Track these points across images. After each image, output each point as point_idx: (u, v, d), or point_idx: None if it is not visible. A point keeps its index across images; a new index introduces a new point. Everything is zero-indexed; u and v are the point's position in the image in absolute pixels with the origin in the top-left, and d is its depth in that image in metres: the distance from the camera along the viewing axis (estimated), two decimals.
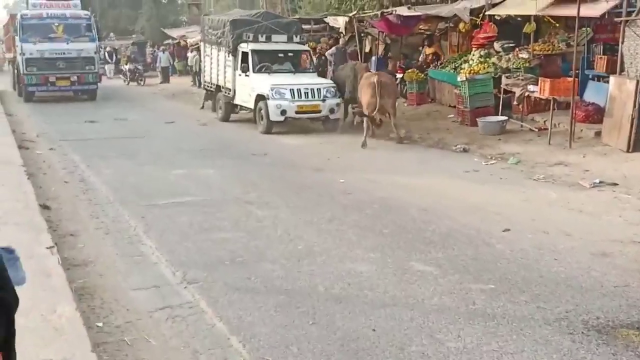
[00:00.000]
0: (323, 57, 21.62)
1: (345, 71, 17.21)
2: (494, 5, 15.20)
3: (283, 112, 15.83)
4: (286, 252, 7.23)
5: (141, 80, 34.21)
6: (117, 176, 11.37)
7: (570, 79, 13.26)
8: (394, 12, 19.34)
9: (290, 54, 17.73)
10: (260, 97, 16.32)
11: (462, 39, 20.14)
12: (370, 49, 23.15)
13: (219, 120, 18.87)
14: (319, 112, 16.14)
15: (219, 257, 7.08)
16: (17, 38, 25.09)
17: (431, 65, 19.32)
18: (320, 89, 16.20)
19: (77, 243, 7.59)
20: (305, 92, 15.99)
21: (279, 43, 17.64)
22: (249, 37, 17.28)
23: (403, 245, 7.37)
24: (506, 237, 7.59)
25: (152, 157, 13.37)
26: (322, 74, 19.34)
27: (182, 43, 39.70)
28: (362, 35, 22.23)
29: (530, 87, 14.13)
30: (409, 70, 19.44)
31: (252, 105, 16.83)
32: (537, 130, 14.22)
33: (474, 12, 16.32)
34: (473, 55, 17.55)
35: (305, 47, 18.41)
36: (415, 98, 19.18)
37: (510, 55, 16.30)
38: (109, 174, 11.57)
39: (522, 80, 14.36)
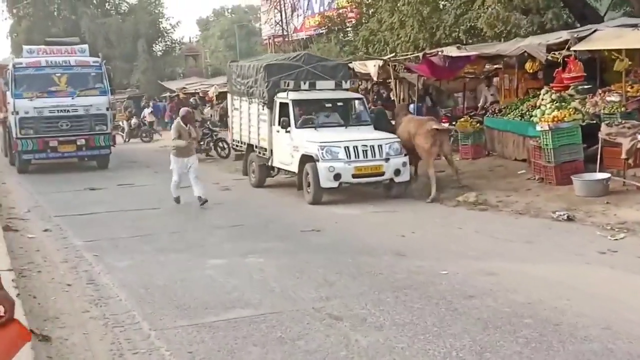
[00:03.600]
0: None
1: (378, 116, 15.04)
2: (580, 39, 12.57)
3: (337, 177, 12.71)
4: None
5: (146, 137, 31.45)
6: (138, 273, 8.49)
7: None
8: (439, 53, 16.69)
9: (339, 104, 14.68)
10: (306, 158, 13.19)
11: (518, 81, 17.59)
12: (404, 97, 20.44)
13: (252, 185, 15.72)
14: (382, 174, 12.99)
15: None
16: (8, 93, 20.43)
17: (488, 113, 16.61)
18: (381, 146, 13.07)
19: None
20: (363, 150, 12.91)
21: (325, 91, 14.56)
22: (288, 85, 14.17)
23: None
24: None
25: (175, 239, 10.52)
26: None
27: (182, 96, 37.31)
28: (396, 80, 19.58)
29: None
30: (462, 120, 16.74)
31: (295, 168, 13.67)
32: None
33: (550, 48, 13.65)
34: (543, 99, 14.88)
35: (358, 95, 15.41)
36: (471, 151, 16.48)
37: (597, 99, 13.63)
38: (126, 270, 8.70)
39: (629, 128, 11.63)
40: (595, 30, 12.69)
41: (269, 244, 9.92)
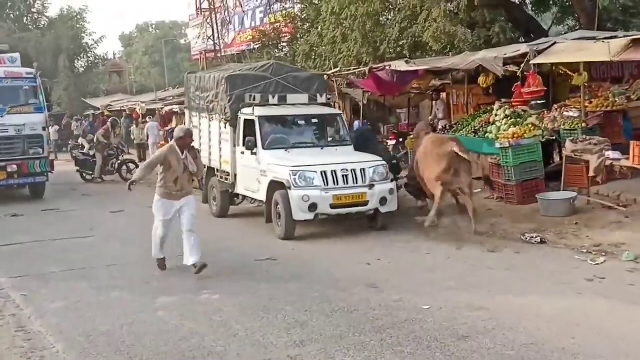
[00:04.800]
0: None
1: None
2: (540, 52, 12.06)
3: (312, 207, 10.69)
4: None
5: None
6: (76, 317, 7.37)
7: None
8: (387, 68, 16.01)
9: (314, 121, 12.52)
10: (276, 185, 11.21)
11: (467, 97, 17.11)
12: (346, 114, 19.68)
13: (214, 215, 13.58)
14: (366, 203, 11.02)
15: None
16: None
17: (437, 129, 16.01)
18: (364, 170, 11.09)
19: None
20: (343, 176, 10.95)
21: (297, 106, 12.63)
22: (254, 99, 12.27)
23: None
24: None
25: (114, 273, 9.38)
26: None
27: (107, 113, 35.74)
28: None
29: (609, 154, 10.91)
30: (411, 136, 16.08)
31: (262, 197, 11.66)
32: (620, 207, 10.95)
33: (504, 62, 13.05)
34: (496, 114, 14.39)
35: (336, 110, 13.21)
36: None
37: (555, 114, 13.17)
38: (61, 313, 7.57)
39: (595, 145, 11.14)
40: (554, 43, 12.21)
41: (222, 276, 8.90)
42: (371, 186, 11.05)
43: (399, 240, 10.77)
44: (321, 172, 10.90)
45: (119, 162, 21.51)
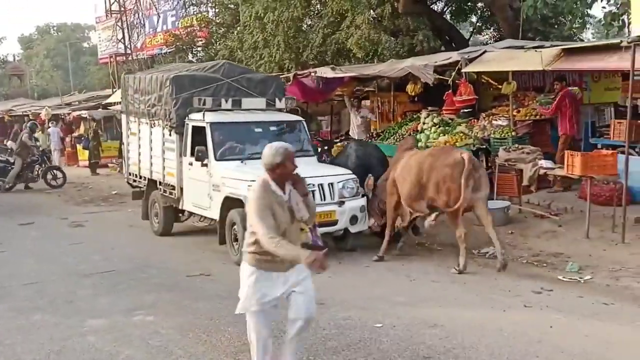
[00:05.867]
0: None
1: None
2: (471, 60, 11.99)
3: None
4: None
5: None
6: None
7: (606, 152, 10.26)
8: (312, 74, 15.69)
9: (272, 128, 11.08)
10: (231, 202, 9.84)
11: (390, 104, 17.01)
12: None
13: (156, 233, 12.23)
14: (334, 223, 9.83)
15: None
16: None
17: (365, 137, 15.78)
18: (333, 184, 9.90)
19: None
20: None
21: (253, 112, 11.33)
22: (204, 104, 10.81)
23: None
24: None
25: (33, 293, 8.57)
26: None
27: (8, 118, 33.99)
28: None
29: (542, 163, 10.91)
30: (338, 144, 15.80)
31: (215, 215, 10.30)
32: (552, 216, 10.96)
33: (437, 69, 12.97)
34: (424, 122, 14.30)
35: (297, 117, 11.64)
36: None
37: (485, 123, 13.16)
38: None
39: (527, 154, 11.13)
40: (484, 52, 12.20)
41: (154, 295, 8.28)
42: (341, 203, 9.88)
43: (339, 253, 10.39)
44: None
45: (45, 168, 20.36)
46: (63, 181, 20.19)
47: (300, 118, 11.56)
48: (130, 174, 13.54)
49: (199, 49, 26.90)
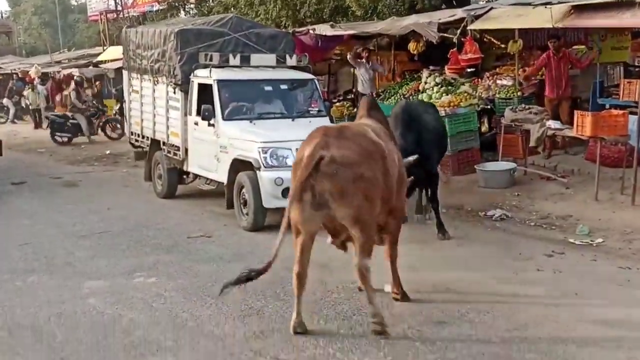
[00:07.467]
0: None
1: None
2: (477, 17, 11.64)
3: (286, 192, 7.40)
4: None
5: None
6: None
7: (616, 112, 10.00)
8: (310, 32, 15.29)
9: (283, 87, 10.51)
10: (240, 165, 9.39)
11: (390, 64, 16.63)
12: None
13: (159, 196, 11.68)
14: None
15: None
16: None
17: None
18: None
19: None
20: None
21: (263, 69, 10.69)
22: (210, 59, 10.23)
23: None
24: None
25: (29, 254, 8.30)
26: None
27: None
28: None
29: (550, 123, 10.65)
30: (338, 104, 15.48)
31: (222, 178, 9.78)
32: (559, 178, 10.73)
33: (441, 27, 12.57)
34: (426, 82, 13.98)
35: (309, 75, 10.90)
36: None
37: (489, 83, 12.85)
38: None
39: (535, 114, 10.86)
40: (491, 9, 11.83)
41: (153, 256, 8.04)
42: None
43: None
44: (297, 150, 9.49)
45: (103, 120, 20.64)
46: (122, 132, 19.48)
47: (312, 76, 10.99)
48: (132, 134, 12.94)
49: (192, 5, 26.25)
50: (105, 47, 29.83)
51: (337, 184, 5.27)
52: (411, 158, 7.41)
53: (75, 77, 22.35)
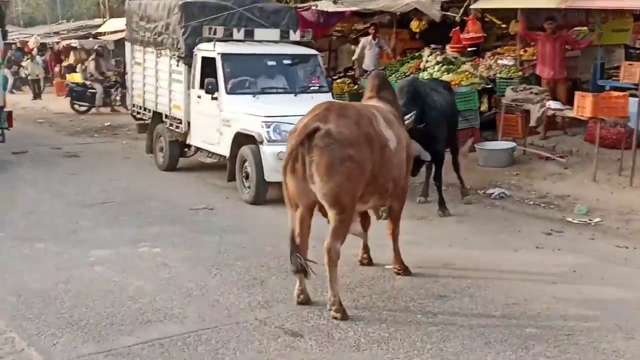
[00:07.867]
0: None
1: None
2: None
3: None
4: None
5: None
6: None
7: (616, 94, 10.08)
8: (312, 8, 15.29)
9: (286, 62, 10.60)
10: (242, 138, 9.44)
11: (391, 42, 16.61)
12: None
13: (160, 168, 11.74)
14: None
15: None
16: None
17: (365, 74, 15.46)
18: None
19: None
20: None
21: (266, 43, 10.76)
22: (214, 33, 10.26)
23: None
24: None
25: (33, 222, 8.38)
26: None
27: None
28: None
29: (551, 104, 10.74)
30: (338, 81, 15.51)
31: (224, 151, 9.84)
32: (558, 158, 10.83)
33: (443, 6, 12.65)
34: (427, 61, 14.01)
35: (312, 50, 11.07)
36: None
37: (490, 62, 12.91)
38: None
39: (536, 94, 10.93)
40: None
41: (157, 227, 8.12)
42: None
43: None
44: None
45: (122, 93, 19.92)
46: None
47: (316, 52, 11.09)
48: (134, 106, 13.00)
49: None
50: (105, 19, 29.68)
51: (325, 158, 5.26)
52: (408, 118, 7.25)
53: (96, 47, 22.24)
